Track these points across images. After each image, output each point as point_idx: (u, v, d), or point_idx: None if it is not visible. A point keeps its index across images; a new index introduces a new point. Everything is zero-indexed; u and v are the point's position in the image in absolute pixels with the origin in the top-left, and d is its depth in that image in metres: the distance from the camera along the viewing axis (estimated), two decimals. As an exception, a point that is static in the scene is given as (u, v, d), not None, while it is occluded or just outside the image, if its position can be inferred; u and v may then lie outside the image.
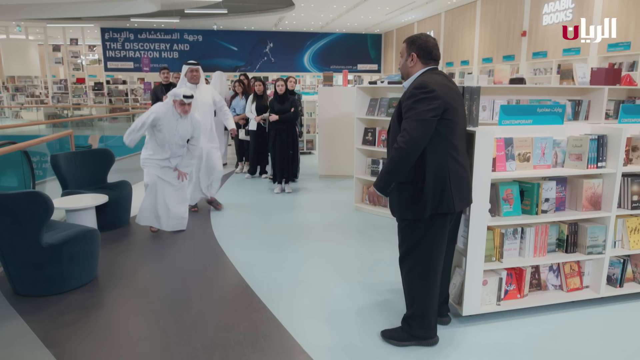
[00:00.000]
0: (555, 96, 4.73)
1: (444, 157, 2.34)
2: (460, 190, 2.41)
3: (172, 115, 4.19)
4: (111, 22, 17.84)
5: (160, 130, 4.17)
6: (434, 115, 2.26)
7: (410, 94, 2.32)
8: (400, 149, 2.26)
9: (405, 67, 2.49)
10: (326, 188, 6.63)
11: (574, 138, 2.92)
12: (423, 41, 2.41)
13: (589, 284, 3.12)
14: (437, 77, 2.35)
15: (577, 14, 9.26)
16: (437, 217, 2.41)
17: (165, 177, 4.39)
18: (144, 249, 4.13)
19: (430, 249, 2.45)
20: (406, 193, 2.41)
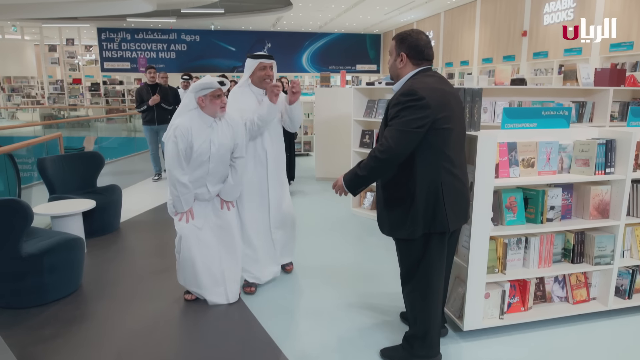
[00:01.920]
0: (558, 97, 4.59)
1: (436, 171, 2.12)
2: (456, 207, 2.20)
3: (200, 121, 2.82)
4: (107, 22, 17.69)
5: (191, 147, 2.79)
6: (419, 127, 2.03)
7: (396, 100, 2.09)
8: (375, 158, 2.09)
9: (394, 68, 2.27)
10: (323, 191, 6.48)
11: (580, 142, 2.77)
12: (414, 39, 2.18)
13: (596, 296, 2.97)
14: (429, 80, 2.14)
15: (578, 14, 9.12)
16: (434, 236, 2.22)
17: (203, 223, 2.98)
18: (132, 257, 3.98)
19: (429, 269, 2.27)
20: (395, 210, 2.22)
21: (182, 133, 2.75)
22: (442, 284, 2.41)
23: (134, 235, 4.53)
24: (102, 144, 11.74)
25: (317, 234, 4.60)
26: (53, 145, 5.81)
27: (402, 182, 2.17)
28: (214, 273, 2.99)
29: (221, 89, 2.81)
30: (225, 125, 2.92)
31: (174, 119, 2.87)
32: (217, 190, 2.99)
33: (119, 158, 9.60)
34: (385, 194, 2.26)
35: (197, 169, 2.85)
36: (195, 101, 2.82)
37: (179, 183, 2.79)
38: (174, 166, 2.78)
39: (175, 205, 2.87)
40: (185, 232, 2.90)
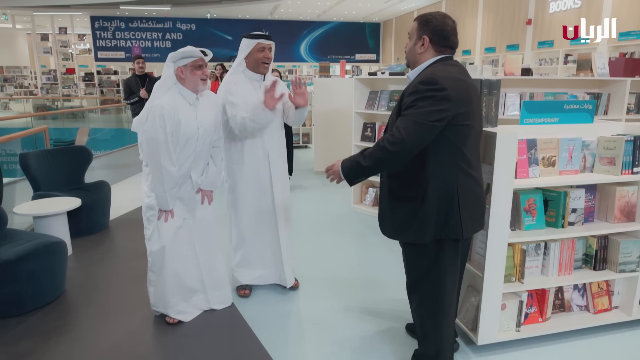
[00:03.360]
0: (572, 89, 4.34)
1: (452, 171, 1.89)
2: (472, 211, 1.97)
3: (183, 99, 2.51)
4: (100, 10, 17.27)
5: (178, 130, 2.47)
6: (437, 120, 1.79)
7: (414, 88, 1.85)
8: (383, 149, 1.85)
9: (412, 53, 2.01)
10: (322, 186, 6.25)
11: (605, 139, 2.53)
12: (439, 22, 1.92)
13: (619, 304, 2.76)
14: (451, 69, 1.89)
15: (585, 1, 8.82)
16: (447, 242, 1.98)
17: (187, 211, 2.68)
18: (120, 259, 3.75)
19: (441, 280, 2.03)
20: (401, 211, 1.98)
21: (169, 113, 2.38)
22: (456, 296, 2.19)
23: (124, 235, 4.29)
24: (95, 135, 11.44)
25: (317, 233, 4.37)
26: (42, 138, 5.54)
27: (412, 180, 1.93)
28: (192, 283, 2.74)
29: (203, 58, 2.51)
30: (207, 102, 2.63)
31: (153, 99, 2.47)
32: (200, 182, 2.69)
33: (112, 150, 9.33)
34: (392, 192, 2.02)
35: (182, 155, 2.52)
36: (174, 71, 2.48)
37: (168, 175, 2.44)
38: (161, 154, 2.40)
39: (160, 203, 2.51)
40: (167, 240, 2.57)
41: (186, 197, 2.64)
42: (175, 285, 2.66)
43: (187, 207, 2.67)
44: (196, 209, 2.70)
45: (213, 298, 2.84)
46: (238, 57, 2.89)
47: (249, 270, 3.06)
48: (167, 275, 2.62)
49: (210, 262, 2.79)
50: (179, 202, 2.62)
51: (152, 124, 2.41)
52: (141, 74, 6.35)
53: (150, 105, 2.47)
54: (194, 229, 2.70)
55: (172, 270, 2.63)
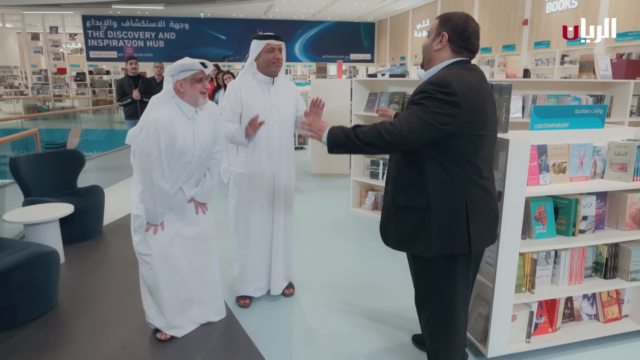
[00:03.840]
0: (574, 91, 4.29)
1: (463, 182, 1.79)
2: (483, 225, 1.87)
3: (181, 113, 2.41)
4: (92, 9, 17.04)
5: (173, 144, 2.36)
6: (444, 124, 1.70)
7: (423, 87, 1.76)
8: (379, 136, 1.74)
9: (428, 50, 1.90)
10: (320, 189, 6.16)
11: (616, 145, 2.47)
12: (462, 22, 1.81)
13: (629, 313, 2.70)
14: (467, 75, 1.78)
15: (582, 1, 8.80)
16: (459, 257, 1.88)
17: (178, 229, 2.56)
18: (115, 266, 3.63)
19: (452, 296, 1.94)
20: (406, 221, 1.89)
21: (165, 127, 2.28)
22: (467, 311, 2.10)
23: (118, 241, 4.18)
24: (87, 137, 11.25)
25: (317, 239, 4.28)
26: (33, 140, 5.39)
27: (419, 190, 1.84)
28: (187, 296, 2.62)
29: (203, 71, 2.39)
30: (207, 116, 2.52)
31: (149, 112, 2.36)
32: (193, 194, 2.57)
33: (105, 152, 9.16)
34: (397, 201, 1.92)
35: (175, 171, 2.42)
36: (172, 86, 2.38)
37: (160, 191, 2.34)
38: (154, 170, 2.31)
39: (150, 218, 2.41)
40: (157, 253, 2.46)
41: (176, 207, 2.53)
42: (169, 298, 2.55)
43: (179, 216, 2.56)
44: (190, 218, 2.60)
45: (209, 310, 2.74)
46: (249, 59, 2.82)
47: (251, 281, 2.97)
48: (161, 289, 2.51)
49: (205, 273, 2.68)
50: (170, 213, 2.51)
51: (146, 138, 2.29)
52: (134, 75, 6.23)
53: (145, 118, 2.36)
54: (188, 240, 2.59)
55: (166, 283, 2.52)
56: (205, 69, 2.41)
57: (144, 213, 2.41)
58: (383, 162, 4.75)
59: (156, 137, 2.28)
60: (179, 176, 2.45)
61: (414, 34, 17.11)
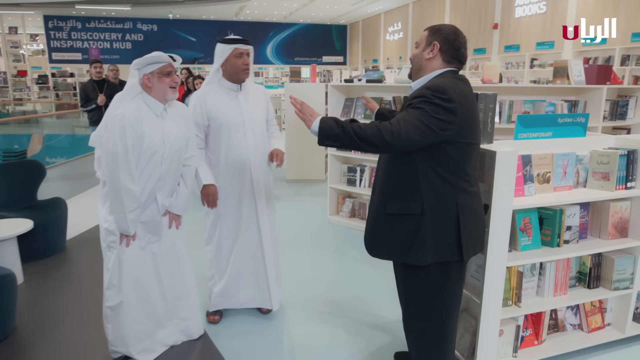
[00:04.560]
0: (548, 96, 4.31)
1: (454, 189, 1.79)
2: (473, 232, 1.85)
3: (148, 110, 2.23)
4: (54, 9, 16.36)
5: (140, 143, 2.19)
6: (443, 129, 1.69)
7: (420, 92, 1.73)
8: (378, 135, 1.66)
9: (419, 59, 1.87)
10: (295, 196, 6.03)
11: (598, 153, 2.44)
12: (452, 33, 1.83)
13: (611, 321, 2.68)
14: (460, 84, 1.78)
15: (550, 7, 8.99)
16: (452, 264, 1.85)
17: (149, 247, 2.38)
18: (79, 286, 3.40)
19: (446, 307, 1.89)
20: (399, 230, 1.83)
21: (131, 123, 2.11)
22: (457, 325, 2.03)
23: (83, 257, 3.93)
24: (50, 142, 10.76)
25: (293, 249, 4.15)
26: None
27: (411, 197, 1.79)
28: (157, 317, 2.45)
29: (172, 64, 2.25)
30: (176, 114, 2.35)
31: (113, 109, 2.18)
32: (167, 205, 2.39)
33: (69, 159, 8.78)
34: (388, 209, 1.85)
35: (145, 174, 2.23)
36: (139, 80, 2.22)
37: (129, 194, 2.15)
38: (121, 171, 2.12)
39: (120, 227, 2.21)
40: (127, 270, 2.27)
41: (150, 221, 2.34)
42: (137, 320, 2.37)
43: (152, 232, 2.38)
44: (162, 233, 2.41)
45: (182, 330, 2.57)
46: (214, 64, 2.64)
47: (230, 294, 2.81)
48: (127, 310, 2.32)
49: (178, 291, 2.51)
50: (141, 227, 2.33)
51: (111, 136, 2.12)
52: (99, 79, 5.94)
53: (109, 115, 2.18)
54: (160, 256, 2.41)
55: (133, 303, 2.34)
56: (174, 62, 2.27)
57: (114, 225, 2.22)
58: (360, 169, 4.66)
59: (122, 134, 2.10)
60: (148, 180, 2.26)
61: (386, 36, 17.21)
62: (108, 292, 2.32)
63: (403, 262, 1.90)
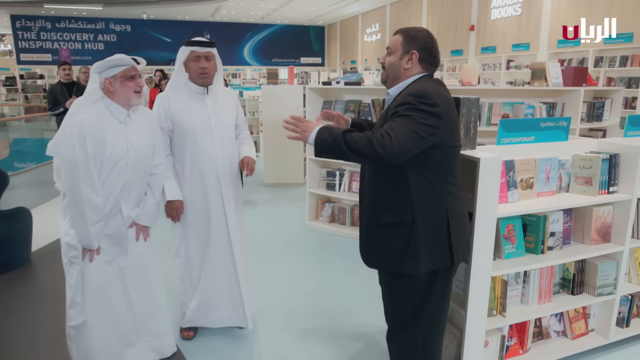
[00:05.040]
0: (527, 98, 4.31)
1: (443, 194, 1.74)
2: (461, 236, 1.81)
3: (110, 115, 2.09)
4: (22, 8, 15.81)
5: (102, 151, 2.05)
6: (431, 135, 1.64)
7: (403, 99, 1.67)
8: (372, 148, 1.58)
9: (396, 68, 1.80)
10: (273, 200, 5.90)
11: (581, 158, 2.41)
12: (428, 40, 1.79)
13: (595, 327, 2.65)
14: (440, 88, 1.74)
15: (526, 9, 9.09)
16: (441, 272, 1.80)
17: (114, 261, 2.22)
18: (44, 302, 3.21)
19: (434, 316, 1.84)
20: (393, 238, 1.76)
21: (91, 130, 1.98)
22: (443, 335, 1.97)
23: (49, 270, 3.72)
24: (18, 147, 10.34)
25: (271, 256, 4.02)
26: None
27: (401, 205, 1.73)
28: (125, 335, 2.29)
29: (135, 67, 2.11)
30: (141, 120, 2.21)
31: (72, 115, 2.03)
32: (133, 217, 2.24)
33: (38, 164, 8.43)
34: (380, 218, 1.78)
35: (108, 183, 2.08)
36: (100, 85, 2.07)
37: (91, 206, 2.00)
38: (81, 181, 1.98)
39: (83, 240, 2.05)
40: (91, 286, 2.12)
41: (115, 234, 2.19)
42: (103, 339, 2.21)
43: (118, 245, 2.22)
44: (129, 246, 2.26)
45: (153, 348, 2.41)
46: (175, 66, 2.49)
47: (205, 311, 2.66)
48: (92, 329, 2.16)
49: (147, 307, 2.35)
50: (106, 240, 2.17)
51: (69, 143, 1.97)
52: (68, 82, 5.69)
53: (68, 122, 2.03)
54: (127, 270, 2.25)
55: (99, 322, 2.18)
56: (138, 65, 2.13)
57: (76, 239, 2.06)
58: (339, 173, 4.57)
59: (81, 142, 1.96)
60: (111, 190, 2.11)
61: (364, 38, 17.22)
62: (71, 311, 2.16)
63: (400, 271, 1.80)
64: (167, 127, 2.46)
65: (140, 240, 2.30)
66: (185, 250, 2.60)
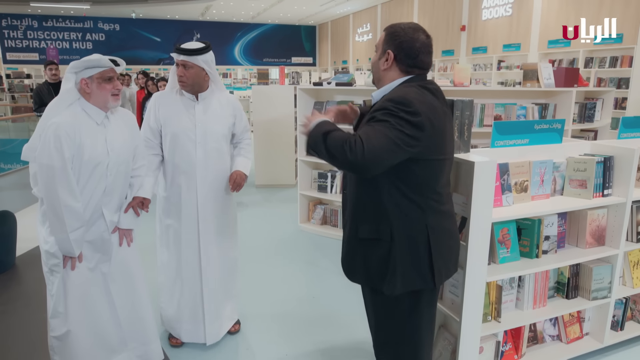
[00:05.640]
0: (519, 99, 4.29)
1: (423, 211, 1.60)
2: (447, 254, 1.69)
3: (87, 118, 2.01)
4: (8, 6, 15.56)
5: (80, 155, 1.97)
6: (409, 146, 1.48)
7: (382, 105, 1.53)
8: (342, 152, 1.44)
9: (376, 68, 1.70)
10: (264, 202, 5.84)
11: (575, 160, 2.38)
12: (408, 38, 1.61)
13: (589, 331, 2.63)
14: (426, 94, 1.57)
15: (516, 9, 9.12)
16: (426, 291, 1.69)
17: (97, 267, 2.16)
18: (28, 309, 3.11)
19: (417, 334, 1.74)
20: (372, 253, 1.66)
21: (67, 133, 1.89)
22: (432, 349, 1.91)
23: (34, 275, 3.62)
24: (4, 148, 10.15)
25: (261, 260, 3.96)
26: None
27: (379, 221, 1.62)
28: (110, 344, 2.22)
29: (114, 69, 2.03)
30: (120, 122, 2.13)
31: (47, 117, 1.94)
32: (115, 221, 2.16)
33: (24, 166, 8.27)
34: (358, 233, 1.69)
35: (88, 188, 2.01)
36: (75, 86, 1.98)
37: (69, 212, 1.93)
38: (59, 186, 1.90)
39: (63, 248, 1.98)
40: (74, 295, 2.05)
41: (98, 239, 2.11)
42: (87, 350, 2.13)
43: (101, 251, 2.14)
44: (112, 252, 2.18)
45: (139, 355, 2.34)
46: (171, 70, 2.46)
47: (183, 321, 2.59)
48: (76, 339, 2.09)
49: (132, 314, 2.28)
50: (88, 247, 2.09)
51: (45, 148, 1.88)
52: (54, 82, 5.57)
53: (43, 125, 1.93)
54: (111, 276, 2.18)
55: (82, 331, 2.11)
56: (117, 67, 2.06)
57: (56, 247, 1.99)
58: (331, 174, 4.52)
59: (57, 145, 1.88)
60: (92, 195, 2.04)
61: (355, 37, 17.19)
62: (53, 321, 2.08)
63: (378, 289, 1.71)
64: (157, 128, 2.43)
65: (124, 245, 2.23)
66: (162, 257, 2.56)
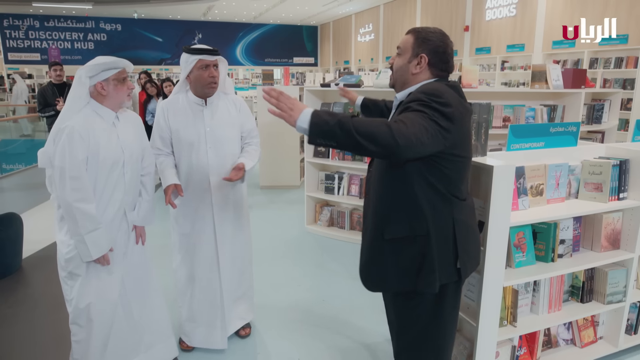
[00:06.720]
0: (527, 100, 4.27)
1: (450, 204, 1.63)
2: (470, 248, 1.72)
3: (100, 120, 2.01)
4: (9, 7, 15.54)
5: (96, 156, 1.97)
6: (445, 138, 1.50)
7: (414, 97, 1.55)
8: (389, 135, 1.38)
9: (404, 72, 1.69)
10: (270, 203, 5.81)
11: (590, 163, 2.36)
12: (442, 43, 1.65)
13: (603, 335, 2.61)
14: (453, 92, 1.60)
15: (520, 9, 9.10)
16: (450, 286, 1.71)
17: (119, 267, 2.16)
18: (36, 311, 3.10)
19: (442, 333, 1.75)
20: (404, 254, 1.65)
21: (82, 136, 1.90)
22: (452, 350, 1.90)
23: (41, 277, 3.61)
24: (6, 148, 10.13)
25: (269, 263, 3.94)
26: None
27: (415, 216, 1.62)
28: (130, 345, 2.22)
29: (126, 70, 2.05)
30: (128, 121, 2.15)
31: (60, 122, 1.95)
32: (133, 219, 2.18)
33: (27, 167, 8.26)
34: (390, 232, 1.66)
35: (108, 188, 2.02)
36: (88, 90, 1.98)
37: (82, 214, 1.91)
38: (72, 187, 1.89)
39: (81, 250, 1.96)
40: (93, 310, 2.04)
41: (121, 241, 2.12)
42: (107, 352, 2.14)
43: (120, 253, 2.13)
44: (128, 251, 2.18)
45: (155, 354, 2.34)
46: (181, 75, 2.41)
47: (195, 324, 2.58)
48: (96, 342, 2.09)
49: (148, 314, 2.29)
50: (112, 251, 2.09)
51: (59, 151, 1.90)
52: (59, 83, 5.55)
53: (56, 129, 1.94)
54: (127, 278, 2.18)
55: (102, 335, 2.10)
56: (127, 67, 2.08)
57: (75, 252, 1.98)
58: (338, 176, 4.50)
59: (71, 148, 1.90)
60: (112, 195, 2.04)
61: (357, 38, 17.17)
62: (73, 327, 2.10)
63: (412, 290, 1.70)
64: (169, 136, 2.41)
65: (139, 244, 2.24)
66: (177, 265, 2.55)
